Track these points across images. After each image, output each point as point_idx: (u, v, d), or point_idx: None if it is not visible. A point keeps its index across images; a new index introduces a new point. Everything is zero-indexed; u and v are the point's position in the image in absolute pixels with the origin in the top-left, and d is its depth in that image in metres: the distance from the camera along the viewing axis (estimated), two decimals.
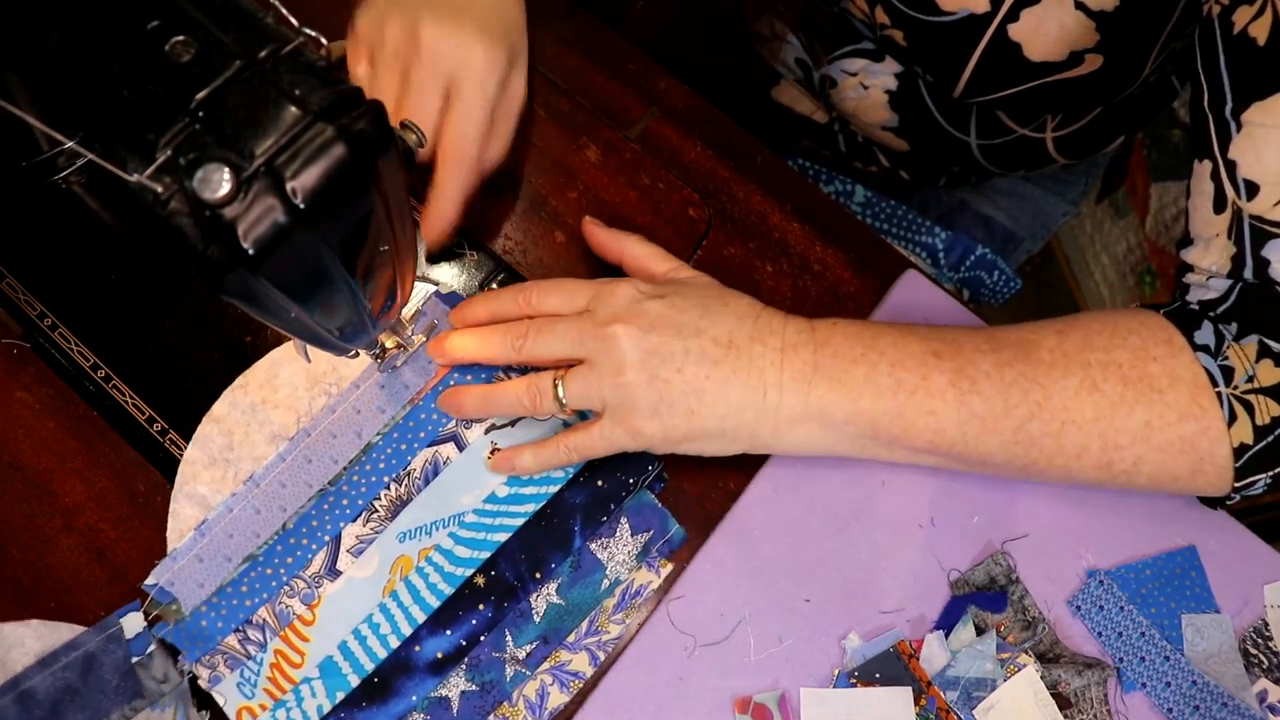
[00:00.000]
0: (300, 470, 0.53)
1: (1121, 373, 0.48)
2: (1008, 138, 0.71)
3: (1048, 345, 0.49)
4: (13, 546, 0.53)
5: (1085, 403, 0.48)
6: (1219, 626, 0.52)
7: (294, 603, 0.51)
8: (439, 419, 0.54)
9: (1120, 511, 0.54)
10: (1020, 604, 0.52)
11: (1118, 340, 0.49)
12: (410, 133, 0.43)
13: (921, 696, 0.50)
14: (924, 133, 0.73)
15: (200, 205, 0.31)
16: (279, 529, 0.52)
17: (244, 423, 0.54)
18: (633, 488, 0.53)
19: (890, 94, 0.71)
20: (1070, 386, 0.48)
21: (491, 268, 0.59)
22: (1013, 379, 0.48)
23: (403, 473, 0.53)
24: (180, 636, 0.50)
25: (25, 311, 0.57)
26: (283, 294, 0.36)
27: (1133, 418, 0.47)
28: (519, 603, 0.51)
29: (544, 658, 0.51)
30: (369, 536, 0.52)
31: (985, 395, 0.48)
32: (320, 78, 0.34)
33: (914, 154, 0.77)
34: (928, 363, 0.48)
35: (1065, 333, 0.50)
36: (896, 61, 0.69)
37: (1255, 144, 0.45)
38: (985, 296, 0.87)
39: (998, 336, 0.50)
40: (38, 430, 0.55)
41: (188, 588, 0.51)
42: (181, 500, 0.53)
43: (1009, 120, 0.70)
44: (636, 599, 0.52)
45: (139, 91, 0.32)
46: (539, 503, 0.53)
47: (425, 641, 0.51)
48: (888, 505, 0.54)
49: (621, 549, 0.53)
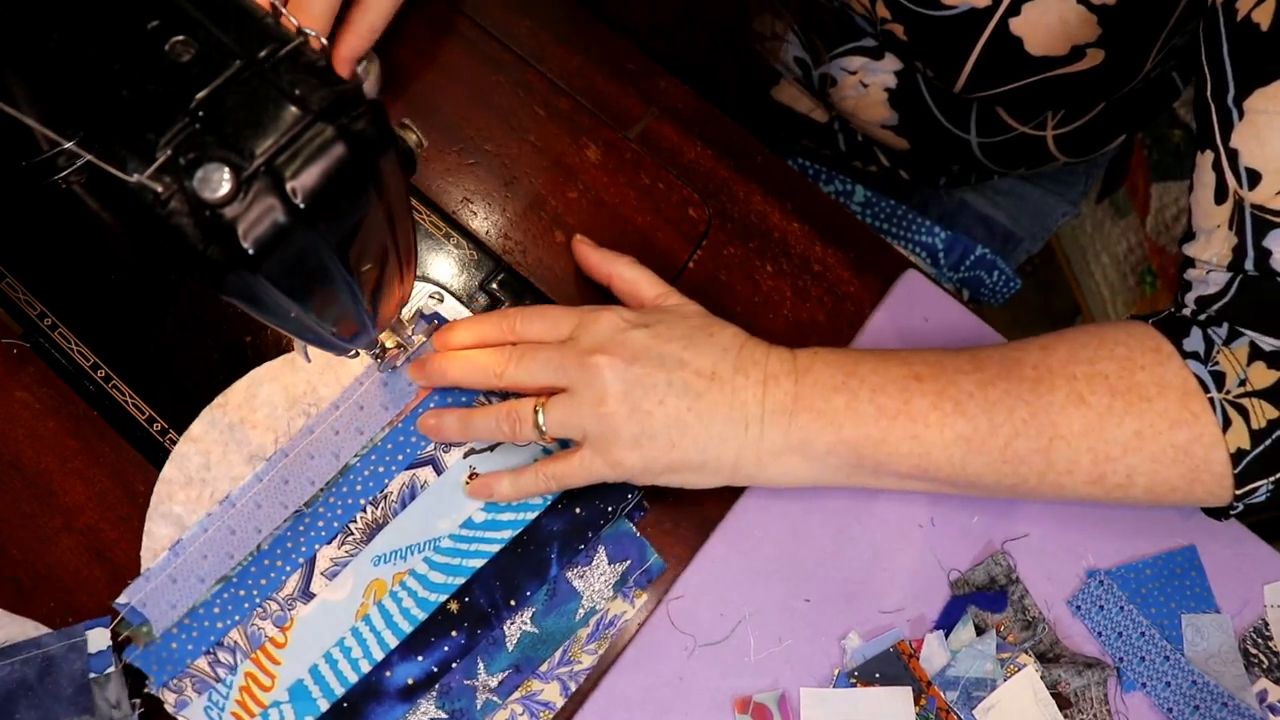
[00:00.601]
0: (277, 491, 0.53)
1: (1109, 384, 0.47)
2: (1008, 135, 0.71)
3: (1031, 361, 0.48)
4: (13, 546, 0.53)
5: (1073, 416, 0.47)
6: (1219, 626, 0.52)
7: (266, 625, 0.51)
8: (417, 442, 0.54)
9: (1120, 512, 0.54)
10: (1020, 604, 0.52)
11: (1104, 352, 0.48)
12: (410, 133, 0.43)
13: (921, 696, 0.50)
14: (924, 131, 0.73)
15: (200, 205, 0.31)
16: (253, 550, 0.52)
17: (221, 442, 0.54)
18: (611, 516, 0.52)
19: (890, 91, 0.71)
20: (1056, 401, 0.47)
21: (491, 268, 0.59)
22: (996, 397, 0.47)
23: (380, 495, 0.53)
24: (148, 660, 0.49)
25: (25, 311, 0.57)
26: (283, 294, 0.36)
27: (1123, 428, 0.47)
28: (492, 630, 0.51)
29: (515, 687, 0.50)
30: (343, 559, 0.52)
31: (969, 416, 0.47)
32: (320, 78, 0.34)
33: (914, 153, 0.77)
34: (909, 387, 0.48)
35: (1049, 348, 0.49)
36: (897, 58, 0.69)
37: (1258, 131, 0.45)
38: (985, 296, 0.87)
39: (980, 356, 0.49)
40: (38, 430, 0.55)
41: (160, 609, 0.50)
42: (156, 520, 0.52)
43: (1009, 118, 0.69)
44: (610, 630, 0.52)
45: (139, 91, 0.32)
46: (516, 529, 0.52)
47: (396, 667, 0.50)
48: (888, 505, 0.54)
49: (599, 578, 0.52)
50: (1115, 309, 1.31)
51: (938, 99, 0.70)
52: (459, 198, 0.61)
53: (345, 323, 0.43)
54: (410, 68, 0.64)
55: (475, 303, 0.58)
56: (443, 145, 0.62)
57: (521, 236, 0.60)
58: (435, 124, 0.62)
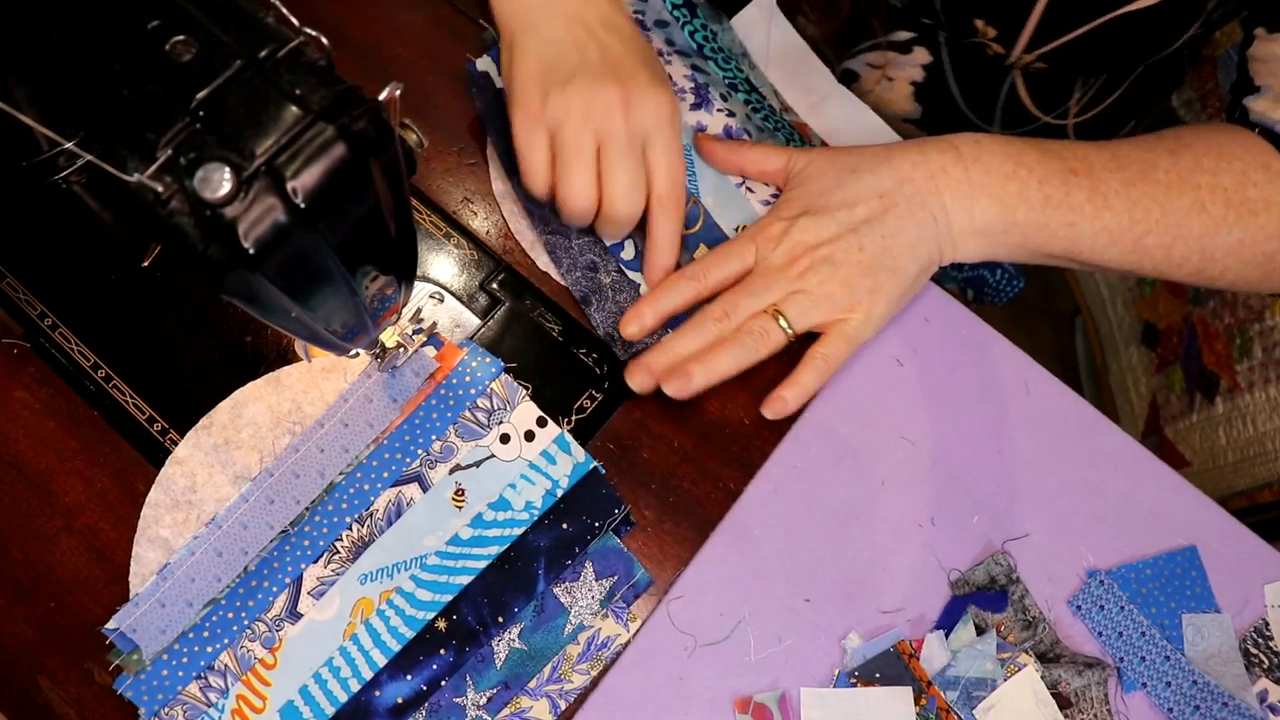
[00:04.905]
0: (262, 511, 0.52)
1: (1226, 196, 0.54)
2: (1030, 126, 0.73)
3: (1163, 166, 0.55)
4: (13, 546, 0.53)
5: (1194, 221, 0.54)
6: (1219, 626, 0.52)
7: (255, 646, 0.50)
8: (403, 459, 0.53)
9: (1121, 511, 0.54)
10: (1020, 604, 0.52)
11: (1223, 164, 0.55)
12: (410, 133, 0.43)
13: (921, 696, 0.50)
14: (946, 123, 0.74)
15: (200, 205, 0.31)
16: (241, 572, 0.51)
17: (207, 464, 0.53)
18: (598, 531, 0.52)
19: (916, 85, 0.72)
20: (1183, 206, 0.54)
21: (491, 268, 0.59)
22: (1137, 197, 0.54)
23: (365, 513, 0.53)
24: (139, 689, 0.49)
25: (25, 311, 0.57)
26: (283, 294, 0.36)
27: (1230, 237, 0.54)
28: (480, 647, 0.51)
29: (504, 704, 0.50)
30: (330, 578, 0.52)
31: (1115, 211, 0.54)
32: (320, 77, 0.34)
33: None
34: (1068, 180, 0.54)
35: (1176, 153, 0.55)
36: (928, 51, 0.69)
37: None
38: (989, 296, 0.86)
39: (1121, 155, 0.55)
40: (38, 430, 0.55)
41: (150, 634, 0.50)
42: (144, 544, 0.52)
43: (1034, 107, 0.71)
44: (603, 651, 0.51)
45: (139, 91, 0.32)
46: (502, 545, 0.52)
47: (385, 686, 0.50)
48: (888, 505, 0.54)
49: (585, 593, 0.52)
50: (1115, 309, 1.31)
51: (965, 88, 0.70)
52: (459, 198, 0.61)
53: (345, 322, 0.43)
54: (410, 68, 0.64)
55: (475, 303, 0.58)
56: (443, 145, 0.62)
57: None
58: (435, 124, 0.62)
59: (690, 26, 0.63)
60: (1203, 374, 1.11)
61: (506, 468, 0.53)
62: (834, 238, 0.53)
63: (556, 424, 0.54)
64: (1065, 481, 0.55)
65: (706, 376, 0.52)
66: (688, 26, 0.63)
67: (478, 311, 0.58)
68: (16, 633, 0.52)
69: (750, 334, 0.52)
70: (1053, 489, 0.55)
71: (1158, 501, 0.55)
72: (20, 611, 0.52)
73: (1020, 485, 0.55)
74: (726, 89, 0.61)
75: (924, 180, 0.54)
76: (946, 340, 0.58)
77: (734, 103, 0.60)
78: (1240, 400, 1.05)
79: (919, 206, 0.53)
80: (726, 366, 0.53)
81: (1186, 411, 1.13)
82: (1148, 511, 0.54)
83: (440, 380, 0.55)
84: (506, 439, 0.54)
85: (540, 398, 0.55)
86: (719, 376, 0.53)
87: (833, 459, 0.55)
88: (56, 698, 0.51)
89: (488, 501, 0.53)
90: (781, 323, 0.53)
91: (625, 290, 0.57)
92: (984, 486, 0.55)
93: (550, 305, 0.58)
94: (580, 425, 0.56)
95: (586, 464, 0.53)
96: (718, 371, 0.52)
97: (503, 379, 0.55)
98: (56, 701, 0.51)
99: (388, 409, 0.54)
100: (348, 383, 0.55)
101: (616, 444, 0.55)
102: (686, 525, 0.54)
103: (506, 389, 0.54)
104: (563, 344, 0.57)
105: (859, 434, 0.56)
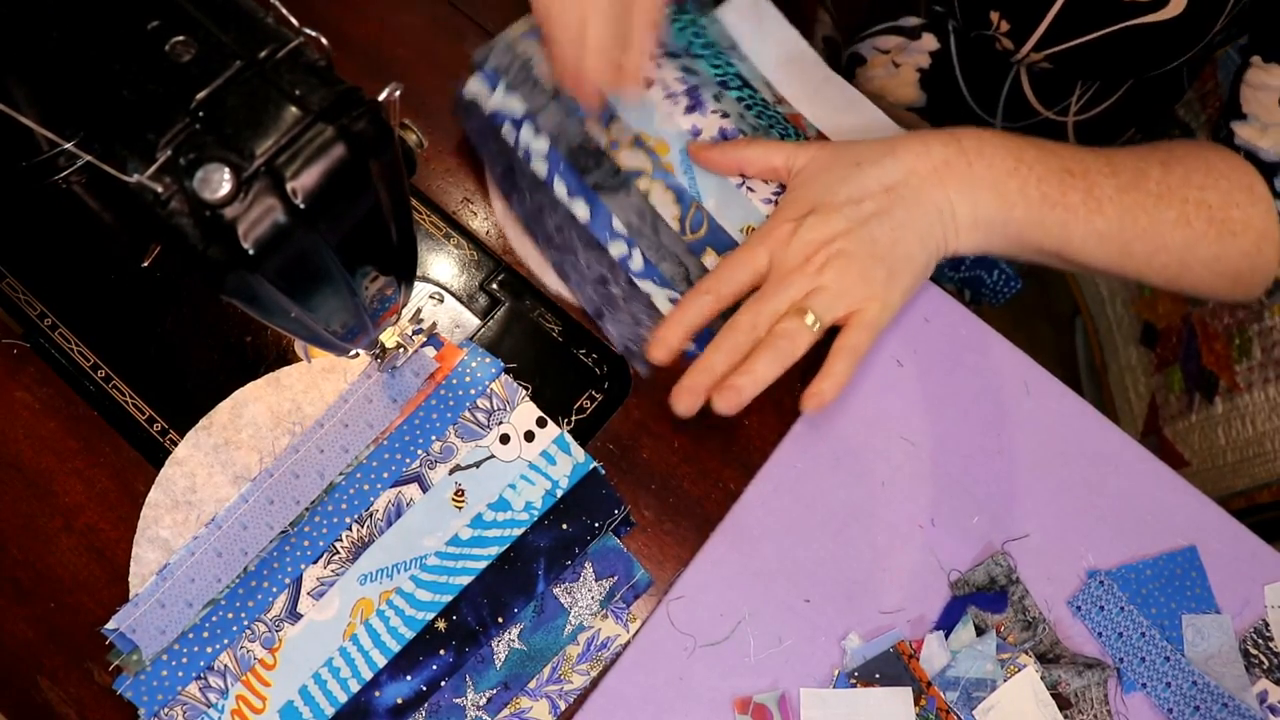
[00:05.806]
0: (262, 512, 0.52)
1: (1210, 213, 0.56)
2: (1031, 120, 0.73)
3: (1155, 176, 0.56)
4: (13, 546, 0.53)
5: (1178, 234, 0.55)
6: (1219, 627, 0.52)
7: (255, 646, 0.50)
8: (403, 459, 0.53)
9: (1121, 512, 0.54)
10: (1020, 604, 0.52)
11: (1210, 181, 0.56)
12: (410, 133, 0.43)
13: (921, 697, 0.50)
14: (949, 114, 0.74)
15: (200, 205, 0.31)
16: (240, 572, 0.51)
17: (207, 464, 0.53)
18: (598, 532, 0.52)
19: (922, 72, 0.72)
20: (1170, 218, 0.55)
21: (491, 268, 0.59)
22: (1128, 204, 0.55)
23: (365, 514, 0.52)
24: (138, 690, 0.49)
25: (25, 311, 0.57)
26: (283, 294, 0.36)
27: (1208, 251, 0.56)
28: (480, 647, 0.51)
29: (504, 704, 0.50)
30: (330, 579, 0.51)
31: (1107, 215, 0.55)
32: (320, 78, 0.34)
33: None
34: (1065, 180, 0.54)
35: (1168, 165, 0.56)
36: (936, 38, 0.69)
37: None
38: (986, 296, 0.86)
39: (1115, 161, 0.56)
40: (38, 430, 0.55)
41: (149, 634, 0.50)
42: (144, 544, 0.52)
43: (1036, 101, 0.71)
44: (603, 652, 0.51)
45: (139, 91, 0.32)
46: (502, 545, 0.52)
47: (385, 686, 0.50)
48: (888, 505, 0.54)
49: (585, 594, 0.52)
50: (1114, 309, 1.31)
51: (970, 79, 0.71)
52: (459, 198, 0.61)
53: (345, 323, 0.43)
54: (410, 68, 0.64)
55: (475, 303, 0.58)
56: (443, 145, 0.62)
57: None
58: (435, 124, 0.62)
59: (679, 23, 0.63)
60: (1202, 374, 1.11)
61: (506, 468, 0.53)
62: (845, 232, 0.53)
63: (556, 424, 0.54)
64: (1065, 481, 0.55)
65: (754, 386, 0.51)
66: (676, 22, 0.63)
67: (477, 312, 0.58)
68: (16, 633, 0.52)
69: (782, 337, 0.51)
70: (1053, 489, 0.55)
71: (1157, 501, 0.55)
72: (20, 611, 0.52)
73: (1020, 485, 0.55)
74: (719, 89, 0.61)
75: (929, 173, 0.54)
76: (946, 340, 0.58)
77: (727, 102, 0.60)
78: (1239, 400, 1.05)
79: (925, 198, 0.54)
80: (768, 372, 0.52)
81: (1186, 411, 1.13)
82: (1147, 512, 0.54)
83: (440, 381, 0.55)
84: (506, 439, 0.54)
85: (540, 398, 0.55)
86: (764, 384, 0.52)
87: (833, 459, 0.55)
88: (56, 698, 0.51)
89: (487, 502, 0.53)
90: (808, 320, 0.52)
91: (637, 300, 0.57)
92: (984, 487, 0.55)
93: (550, 305, 0.58)
94: (580, 425, 0.56)
95: (586, 464, 0.53)
96: (762, 379, 0.52)
97: (502, 379, 0.55)
98: (56, 701, 0.51)
99: (387, 409, 0.54)
100: (348, 383, 0.55)
101: (616, 444, 0.55)
102: (686, 525, 0.54)
103: (506, 389, 0.54)
104: (563, 344, 0.57)
105: (859, 434, 0.56)
